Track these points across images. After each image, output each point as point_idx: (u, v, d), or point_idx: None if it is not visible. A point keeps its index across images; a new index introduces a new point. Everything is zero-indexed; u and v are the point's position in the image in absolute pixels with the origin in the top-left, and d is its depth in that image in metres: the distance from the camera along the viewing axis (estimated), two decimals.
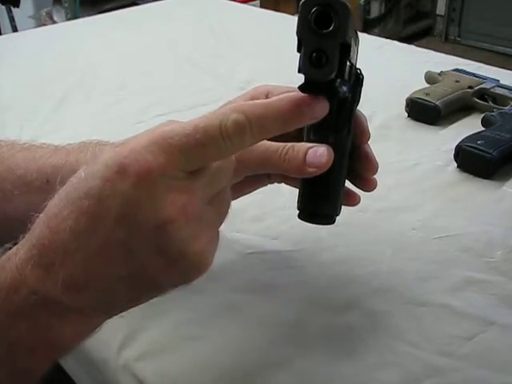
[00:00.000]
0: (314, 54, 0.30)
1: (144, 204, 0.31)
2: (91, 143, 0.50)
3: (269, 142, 0.41)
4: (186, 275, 0.34)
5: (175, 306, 0.46)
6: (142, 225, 0.31)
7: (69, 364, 0.50)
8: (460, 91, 0.77)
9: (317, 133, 0.39)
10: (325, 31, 0.30)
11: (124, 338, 0.44)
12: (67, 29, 1.27)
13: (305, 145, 0.39)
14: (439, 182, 0.62)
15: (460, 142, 0.65)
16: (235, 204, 0.50)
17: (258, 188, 0.48)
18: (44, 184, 0.48)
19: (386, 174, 0.44)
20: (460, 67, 0.84)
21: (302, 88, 0.35)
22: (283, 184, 0.48)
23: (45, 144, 0.52)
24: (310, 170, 0.38)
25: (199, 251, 0.33)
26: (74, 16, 2.46)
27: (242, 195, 0.48)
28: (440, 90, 0.77)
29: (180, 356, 0.42)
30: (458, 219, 0.56)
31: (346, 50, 0.33)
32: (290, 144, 0.40)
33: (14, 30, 2.47)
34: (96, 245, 0.32)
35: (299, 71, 0.33)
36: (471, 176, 0.63)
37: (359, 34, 0.43)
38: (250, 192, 0.48)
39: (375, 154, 0.43)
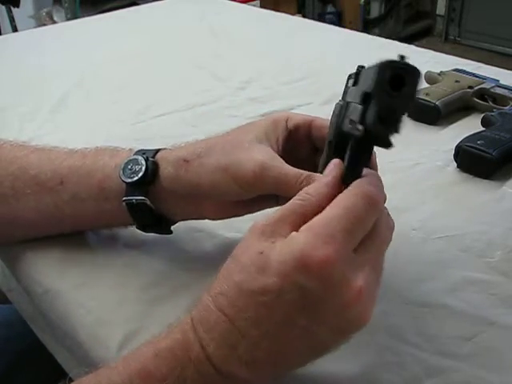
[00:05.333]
0: (385, 113, 0.32)
1: (324, 294, 0.33)
2: (107, 148, 0.51)
3: (287, 168, 0.42)
4: (350, 336, 0.36)
5: (175, 306, 0.46)
6: (323, 312, 0.34)
7: (68, 362, 0.50)
8: (460, 91, 0.77)
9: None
10: (398, 93, 0.31)
11: (123, 338, 0.44)
12: (67, 29, 1.27)
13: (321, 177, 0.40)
14: (439, 182, 0.62)
15: (460, 142, 0.65)
16: None
17: (266, 208, 0.49)
18: (58, 185, 0.49)
19: (385, 174, 0.44)
20: (460, 67, 0.84)
21: (359, 140, 0.35)
22: None
23: (57, 147, 0.53)
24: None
25: (367, 317, 0.35)
26: (74, 16, 2.46)
27: (248, 213, 0.49)
28: (440, 90, 0.76)
29: None
30: (458, 219, 0.56)
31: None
32: (307, 173, 0.42)
33: (14, 30, 2.47)
34: (277, 331, 0.34)
35: (362, 124, 0.34)
36: (471, 176, 0.63)
37: (359, 34, 0.43)
38: (257, 211, 0.49)
39: (375, 155, 0.43)
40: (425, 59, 0.96)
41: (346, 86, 0.45)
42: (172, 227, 0.51)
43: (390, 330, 0.44)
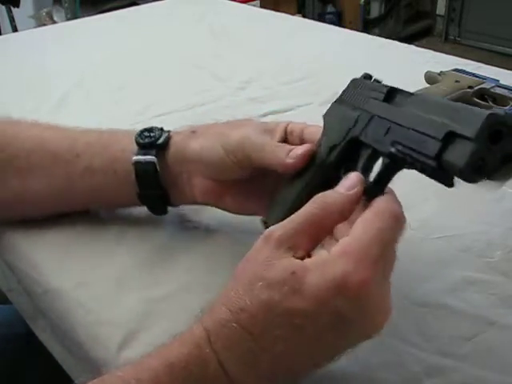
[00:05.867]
0: (479, 162, 0.33)
1: (359, 316, 0.34)
2: (120, 129, 0.54)
3: (269, 139, 0.47)
4: None
5: (175, 307, 0.46)
6: (352, 331, 0.35)
7: (68, 363, 0.50)
8: (460, 91, 0.77)
9: None
10: (495, 147, 0.33)
11: (123, 338, 0.44)
12: (67, 29, 1.27)
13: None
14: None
15: None
16: None
17: (252, 213, 0.51)
18: (74, 157, 0.52)
19: None
20: (460, 67, 0.84)
21: (431, 171, 0.36)
22: None
23: (69, 126, 0.56)
24: (289, 161, 0.44)
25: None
26: (74, 16, 2.46)
27: (235, 209, 0.51)
28: (440, 90, 0.76)
29: None
30: (457, 219, 0.56)
31: None
32: (283, 145, 0.46)
33: (14, 30, 2.47)
34: (303, 347, 0.34)
35: (435, 159, 0.34)
36: None
37: (359, 33, 0.44)
38: (243, 211, 0.51)
39: None
40: (425, 59, 0.96)
41: (352, 90, 0.46)
42: (173, 229, 0.52)
43: (389, 330, 0.43)
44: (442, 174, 0.35)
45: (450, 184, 0.36)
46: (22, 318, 0.59)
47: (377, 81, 0.46)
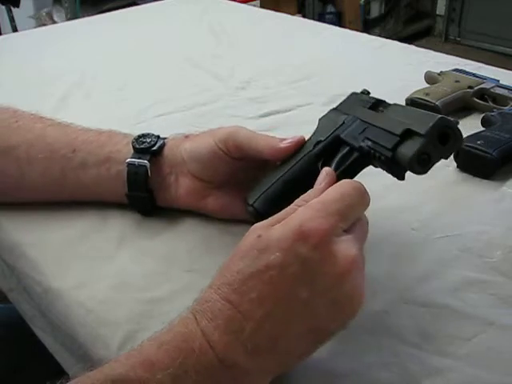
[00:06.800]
0: (423, 156, 0.39)
1: (322, 263, 0.36)
2: (120, 132, 0.57)
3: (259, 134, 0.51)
4: (349, 317, 0.37)
5: (175, 306, 0.46)
6: (322, 282, 0.36)
7: (68, 362, 0.50)
8: (460, 91, 0.77)
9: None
10: (442, 147, 0.39)
11: (123, 338, 0.44)
12: (67, 29, 1.27)
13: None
14: (439, 182, 0.62)
15: None
16: None
17: (233, 211, 0.53)
18: (69, 153, 0.55)
19: (385, 174, 0.44)
20: (460, 67, 0.84)
21: (387, 162, 0.41)
22: None
23: (73, 123, 0.58)
24: (282, 145, 0.49)
25: (361, 292, 0.37)
26: (74, 16, 2.46)
27: (216, 210, 0.54)
28: (440, 90, 0.77)
29: None
30: (458, 219, 0.56)
31: None
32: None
33: (14, 30, 2.47)
34: (280, 308, 0.35)
35: (391, 150, 0.40)
36: (471, 176, 0.63)
37: (359, 33, 0.47)
38: (231, 217, 0.54)
39: None
40: (425, 59, 0.96)
41: (350, 100, 0.52)
42: (173, 229, 0.52)
43: (390, 330, 0.44)
44: (396, 166, 0.41)
45: (401, 176, 0.42)
46: (22, 318, 0.59)
47: (372, 98, 0.51)
